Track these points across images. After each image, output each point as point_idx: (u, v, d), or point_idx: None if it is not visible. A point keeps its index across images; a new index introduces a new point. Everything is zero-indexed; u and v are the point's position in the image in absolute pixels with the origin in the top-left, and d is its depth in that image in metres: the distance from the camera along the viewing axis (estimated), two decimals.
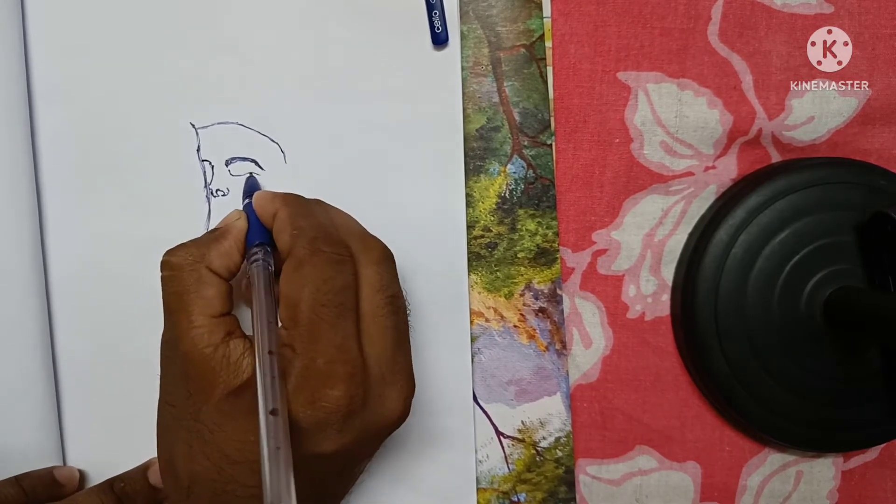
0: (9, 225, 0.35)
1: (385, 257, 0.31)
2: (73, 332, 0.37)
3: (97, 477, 0.37)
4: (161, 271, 0.30)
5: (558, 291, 0.38)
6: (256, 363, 0.27)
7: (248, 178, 0.37)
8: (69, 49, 0.36)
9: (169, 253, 0.30)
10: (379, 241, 0.31)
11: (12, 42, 0.35)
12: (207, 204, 0.37)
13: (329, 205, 0.33)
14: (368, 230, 0.32)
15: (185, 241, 0.31)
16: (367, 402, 0.28)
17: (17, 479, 0.34)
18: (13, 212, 0.35)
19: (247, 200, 0.34)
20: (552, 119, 0.38)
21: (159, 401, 0.30)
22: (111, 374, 0.37)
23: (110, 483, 0.35)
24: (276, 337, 0.28)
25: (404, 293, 0.32)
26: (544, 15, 0.38)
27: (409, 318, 0.37)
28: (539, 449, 0.39)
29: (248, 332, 0.30)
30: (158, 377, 0.30)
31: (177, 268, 0.30)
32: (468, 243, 0.38)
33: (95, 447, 0.37)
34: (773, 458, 0.40)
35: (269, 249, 0.31)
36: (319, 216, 0.31)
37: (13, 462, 0.35)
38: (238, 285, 0.32)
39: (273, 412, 0.26)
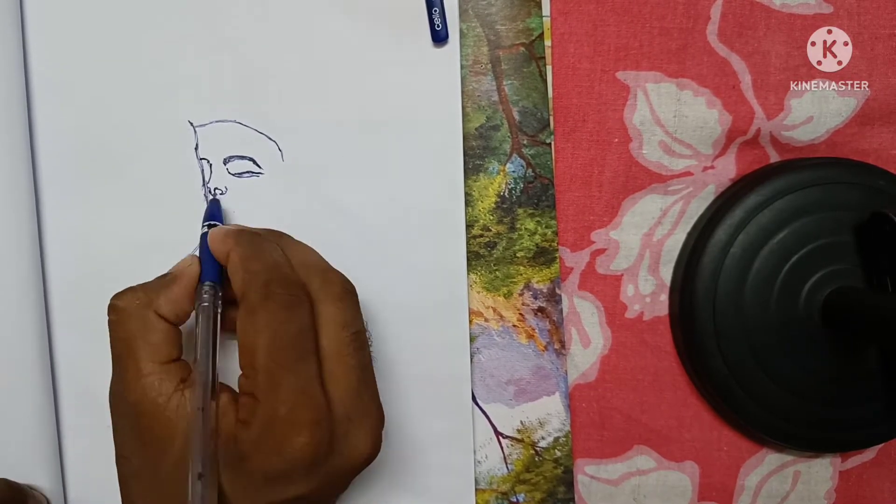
0: (7, 224, 0.34)
1: (346, 292, 0.30)
2: (71, 331, 0.36)
3: (96, 481, 0.36)
4: (108, 315, 0.29)
5: (557, 291, 0.38)
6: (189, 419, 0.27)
7: (210, 202, 0.36)
8: (67, 47, 0.36)
9: (116, 297, 0.30)
10: (340, 275, 0.31)
11: (11, 41, 0.35)
12: (205, 202, 0.36)
13: (287, 238, 0.32)
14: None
15: (133, 285, 0.30)
16: (334, 445, 0.28)
17: None
18: (11, 211, 0.34)
19: (204, 229, 0.33)
20: (551, 118, 0.38)
21: (115, 454, 0.30)
22: (109, 377, 0.36)
23: None
24: (214, 390, 0.28)
25: (366, 326, 0.32)
26: (543, 14, 0.37)
27: (372, 350, 0.37)
28: (538, 449, 0.38)
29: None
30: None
31: (122, 312, 0.29)
32: (467, 242, 0.38)
33: (94, 451, 0.36)
34: (771, 458, 0.40)
35: (218, 290, 0.31)
36: (273, 255, 0.30)
37: (11, 464, 0.35)
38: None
39: (200, 476, 0.25)
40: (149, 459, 0.28)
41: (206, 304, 0.30)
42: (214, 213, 0.35)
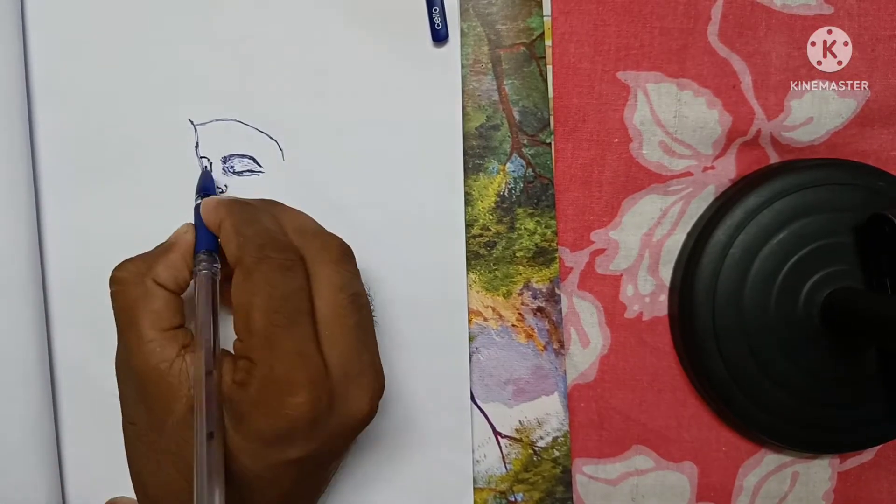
0: (7, 223, 0.34)
1: (344, 254, 0.30)
2: (70, 330, 0.36)
3: (96, 481, 0.36)
4: (110, 287, 0.30)
5: (556, 291, 0.38)
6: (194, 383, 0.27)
7: (202, 173, 0.36)
8: (68, 46, 0.36)
9: (117, 268, 0.30)
10: (336, 238, 0.31)
11: (11, 40, 0.34)
12: None
13: (280, 205, 0.32)
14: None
15: (132, 256, 0.31)
16: (333, 405, 0.28)
17: None
18: (11, 209, 0.34)
19: (198, 201, 0.33)
20: (551, 118, 0.38)
21: (122, 420, 0.30)
22: (108, 375, 0.36)
23: None
24: (216, 354, 0.28)
25: (367, 290, 0.32)
26: (544, 13, 0.37)
27: (374, 315, 0.36)
28: (536, 449, 0.39)
29: None
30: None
31: (123, 282, 0.30)
32: (467, 242, 0.38)
33: (94, 450, 0.37)
34: (770, 459, 0.40)
35: (216, 256, 0.31)
36: (265, 221, 0.30)
37: (10, 463, 0.35)
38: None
39: (210, 436, 0.26)
40: (153, 422, 0.28)
41: (203, 271, 0.30)
42: (207, 184, 0.35)
